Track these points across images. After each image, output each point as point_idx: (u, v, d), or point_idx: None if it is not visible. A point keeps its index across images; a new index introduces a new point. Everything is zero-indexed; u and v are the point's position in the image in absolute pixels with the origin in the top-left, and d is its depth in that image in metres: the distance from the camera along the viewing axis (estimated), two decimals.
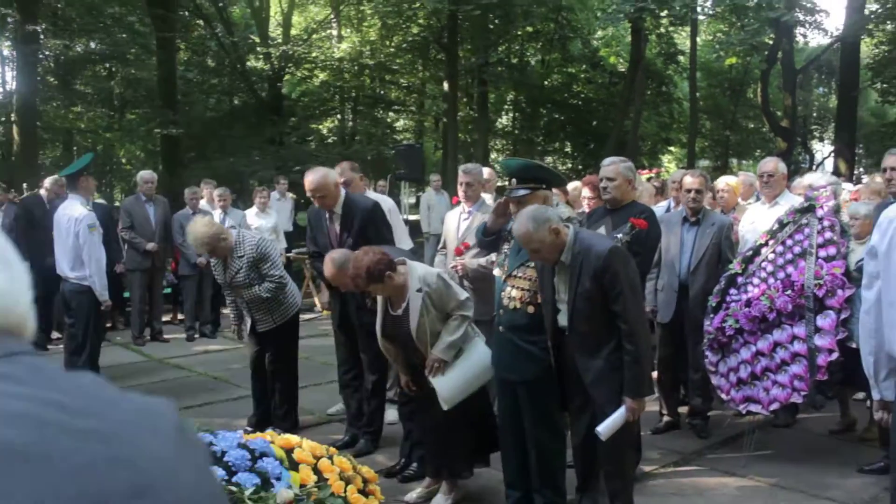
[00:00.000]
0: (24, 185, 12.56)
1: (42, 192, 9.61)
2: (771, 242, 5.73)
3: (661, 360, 6.55)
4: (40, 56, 17.62)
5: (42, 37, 17.07)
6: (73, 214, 6.92)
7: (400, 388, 5.50)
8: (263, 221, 11.45)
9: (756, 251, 5.79)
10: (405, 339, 4.85)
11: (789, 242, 5.64)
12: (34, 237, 8.79)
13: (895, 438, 3.18)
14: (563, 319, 4.25)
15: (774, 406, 5.52)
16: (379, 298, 5.00)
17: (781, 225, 5.74)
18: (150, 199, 10.28)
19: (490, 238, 4.98)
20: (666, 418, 6.54)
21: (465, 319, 4.82)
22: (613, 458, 4.21)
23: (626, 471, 4.29)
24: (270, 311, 6.33)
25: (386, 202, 6.98)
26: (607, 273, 3.99)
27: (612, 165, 5.47)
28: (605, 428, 4.06)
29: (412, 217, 15.42)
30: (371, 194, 6.93)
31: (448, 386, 4.70)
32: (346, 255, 5.18)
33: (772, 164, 6.69)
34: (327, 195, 6.02)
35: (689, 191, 6.21)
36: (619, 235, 5.02)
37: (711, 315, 5.81)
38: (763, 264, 5.71)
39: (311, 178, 5.98)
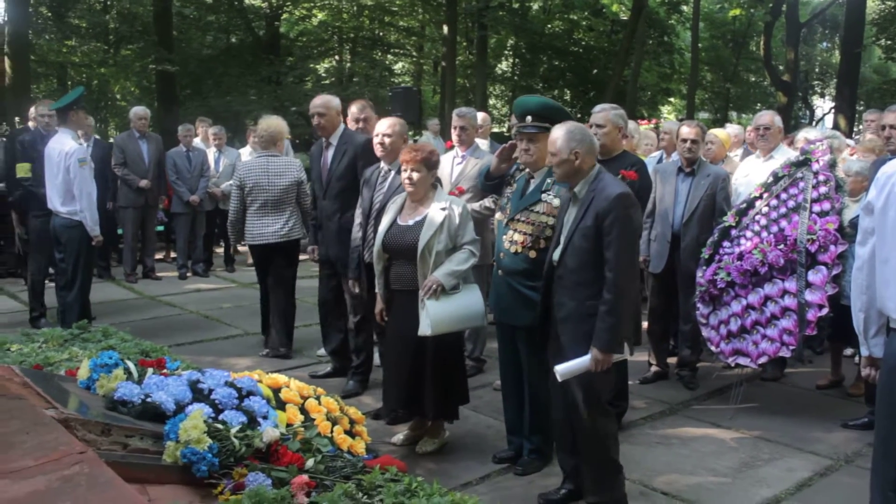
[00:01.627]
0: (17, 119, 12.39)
1: (30, 123, 9.43)
2: (765, 196, 5.71)
3: (651, 310, 6.57)
4: None
5: None
6: (64, 149, 6.85)
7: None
8: None
9: (750, 204, 5.77)
10: (404, 253, 4.81)
11: (783, 196, 5.61)
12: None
13: (881, 395, 3.19)
14: (556, 254, 4.20)
15: (763, 360, 5.55)
16: (393, 204, 5.02)
17: (776, 178, 5.71)
18: (144, 135, 10.19)
19: (492, 182, 4.93)
20: (654, 368, 6.57)
21: (473, 257, 4.79)
22: (584, 420, 4.17)
23: (598, 434, 4.21)
24: None
25: None
26: (609, 216, 3.92)
27: (602, 112, 5.40)
28: (563, 369, 4.00)
29: None
30: None
31: (439, 311, 4.63)
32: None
33: (767, 117, 6.63)
34: (326, 116, 6.19)
35: (685, 140, 6.16)
36: None
37: (704, 267, 5.80)
38: (756, 217, 5.69)
39: (317, 99, 6.32)
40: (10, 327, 7.37)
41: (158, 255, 11.46)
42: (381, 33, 26.96)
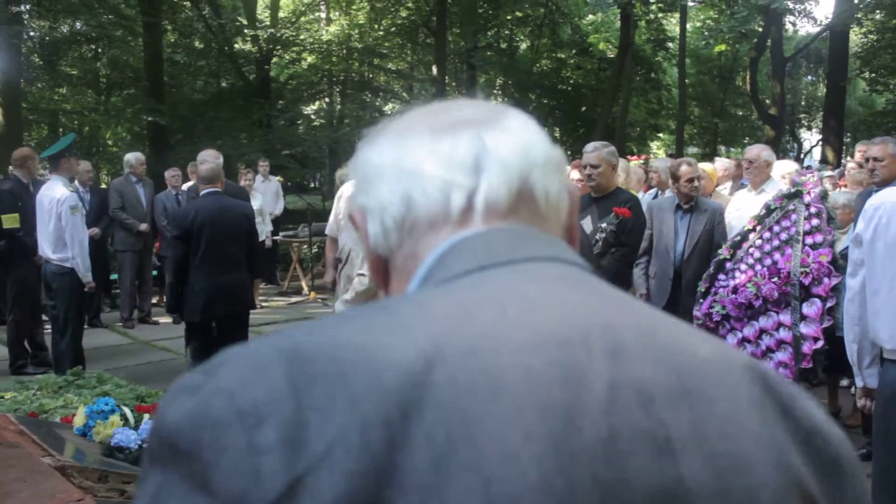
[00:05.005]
0: None
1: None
2: (758, 228, 5.74)
3: None
4: (24, 37, 17.44)
5: (26, 17, 16.90)
6: (55, 196, 6.86)
7: None
8: None
9: (744, 236, 5.80)
10: None
11: (776, 229, 5.64)
12: None
13: (877, 425, 3.19)
14: None
15: None
16: None
17: (769, 210, 5.75)
18: (140, 180, 10.24)
19: None
20: None
21: (360, 285, 5.08)
22: None
23: None
24: None
25: None
26: None
27: (595, 152, 5.43)
28: None
29: None
30: None
31: None
32: None
33: (754, 151, 6.69)
34: None
35: (690, 181, 6.10)
36: (604, 225, 5.01)
37: (700, 301, 5.82)
38: (750, 250, 5.71)
39: None
40: (2, 375, 7.33)
41: (152, 300, 11.42)
42: (370, 75, 27.17)
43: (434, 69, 23.13)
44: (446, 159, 0.79)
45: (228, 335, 6.34)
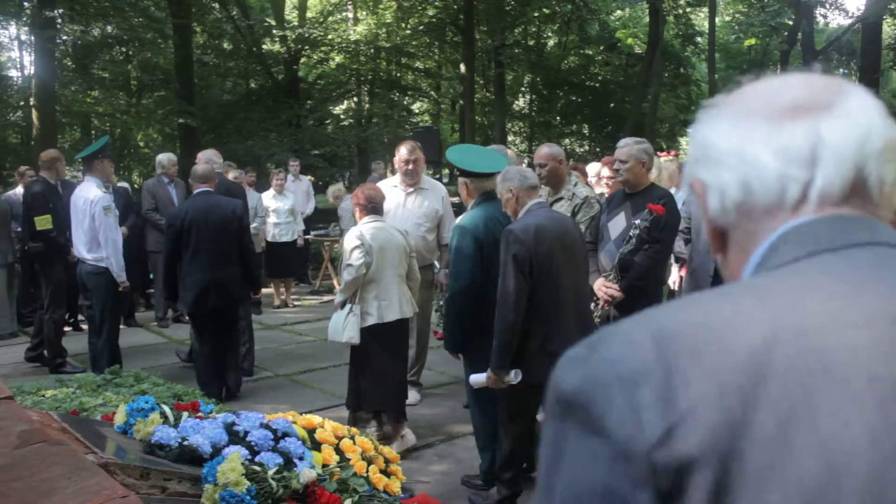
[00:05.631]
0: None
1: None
2: None
3: None
4: (58, 41, 17.68)
5: (59, 21, 17.13)
6: (89, 197, 6.94)
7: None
8: (280, 203, 11.46)
9: None
10: None
11: None
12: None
13: None
14: None
15: None
16: None
17: None
18: (172, 180, 10.30)
19: None
20: None
21: (344, 281, 5.40)
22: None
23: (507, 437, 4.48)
24: None
25: (440, 189, 7.07)
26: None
27: (625, 147, 5.38)
28: (473, 378, 4.45)
29: None
30: (427, 180, 7.09)
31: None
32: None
33: None
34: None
35: None
36: (638, 221, 4.98)
37: None
38: None
39: None
40: (41, 373, 7.43)
41: None
42: (398, 74, 27.21)
43: (462, 67, 23.13)
44: (783, 152, 0.87)
45: (224, 326, 6.83)
